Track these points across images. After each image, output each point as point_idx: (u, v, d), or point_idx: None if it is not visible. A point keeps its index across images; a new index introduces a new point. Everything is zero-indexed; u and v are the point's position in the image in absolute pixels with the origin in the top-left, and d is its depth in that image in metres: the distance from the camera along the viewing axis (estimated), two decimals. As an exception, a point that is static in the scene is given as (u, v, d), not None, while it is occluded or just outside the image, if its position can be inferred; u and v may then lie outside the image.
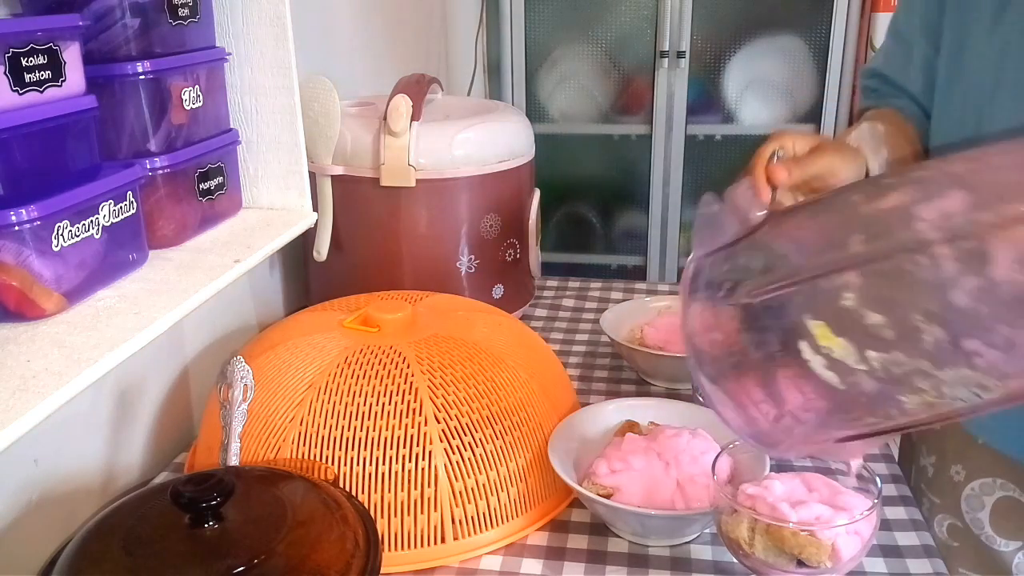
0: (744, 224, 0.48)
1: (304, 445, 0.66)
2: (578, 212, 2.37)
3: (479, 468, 0.67)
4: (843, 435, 0.45)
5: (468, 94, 2.07)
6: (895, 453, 0.84)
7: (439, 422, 0.67)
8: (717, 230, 0.49)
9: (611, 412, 0.78)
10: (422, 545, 0.66)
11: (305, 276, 1.10)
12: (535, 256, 1.10)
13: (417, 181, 0.94)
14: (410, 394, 0.67)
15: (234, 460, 0.62)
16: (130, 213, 0.60)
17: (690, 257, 0.52)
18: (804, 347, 0.42)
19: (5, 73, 0.50)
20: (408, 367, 0.70)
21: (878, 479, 0.57)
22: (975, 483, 0.79)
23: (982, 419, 0.78)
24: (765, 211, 0.49)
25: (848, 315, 0.41)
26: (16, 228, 0.50)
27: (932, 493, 0.84)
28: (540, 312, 1.15)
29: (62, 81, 0.54)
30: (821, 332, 0.42)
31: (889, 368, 0.40)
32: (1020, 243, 0.36)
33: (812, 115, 2.15)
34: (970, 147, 0.41)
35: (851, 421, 0.44)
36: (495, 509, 0.67)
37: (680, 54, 2.09)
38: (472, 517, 0.66)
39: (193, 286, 0.61)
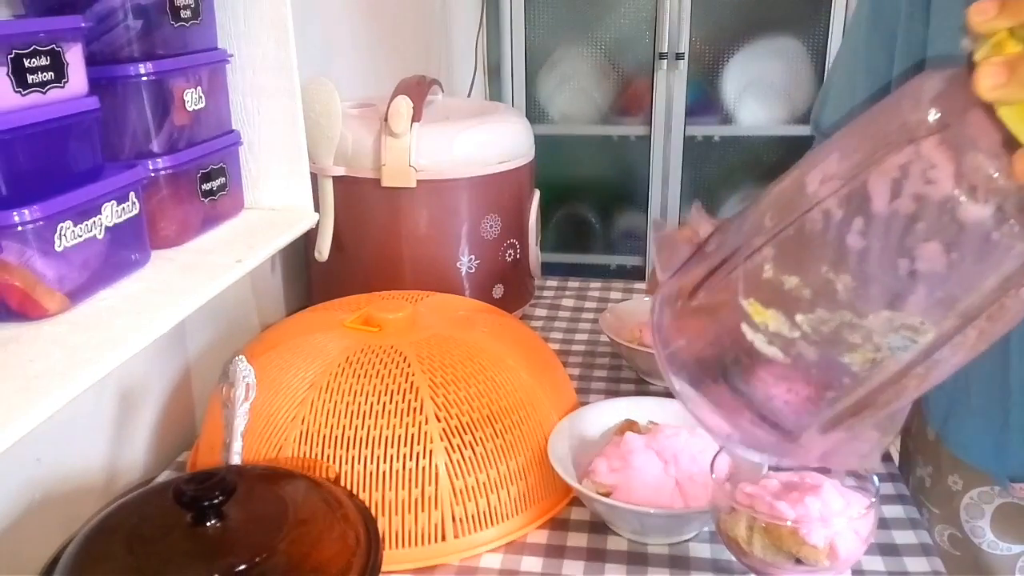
0: (697, 237, 0.50)
1: (305, 444, 0.66)
2: (578, 212, 2.38)
3: (479, 467, 0.67)
4: (822, 422, 0.46)
5: (468, 95, 2.07)
6: (895, 460, 0.85)
7: (440, 421, 0.67)
8: (674, 250, 0.50)
9: (610, 411, 0.78)
10: (423, 543, 0.66)
11: (306, 276, 1.10)
12: (535, 256, 1.10)
13: (418, 182, 0.95)
14: (411, 393, 0.68)
15: (236, 459, 0.62)
16: (132, 214, 0.61)
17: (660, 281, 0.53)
18: (745, 328, 0.44)
19: (8, 74, 0.50)
20: (409, 366, 0.70)
21: (875, 478, 0.58)
22: (973, 492, 0.79)
23: (956, 436, 0.78)
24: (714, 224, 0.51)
25: (770, 285, 0.43)
26: (19, 228, 0.51)
27: (931, 503, 0.83)
28: (540, 312, 1.15)
29: (65, 82, 0.55)
30: (754, 308, 0.43)
31: (818, 328, 0.42)
32: (889, 174, 0.38)
33: (810, 116, 2.15)
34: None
35: (816, 402, 0.45)
36: (495, 507, 0.68)
37: (679, 56, 2.09)
38: (472, 515, 0.67)
39: (195, 286, 0.61)
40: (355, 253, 1.00)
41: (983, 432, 0.74)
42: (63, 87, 0.55)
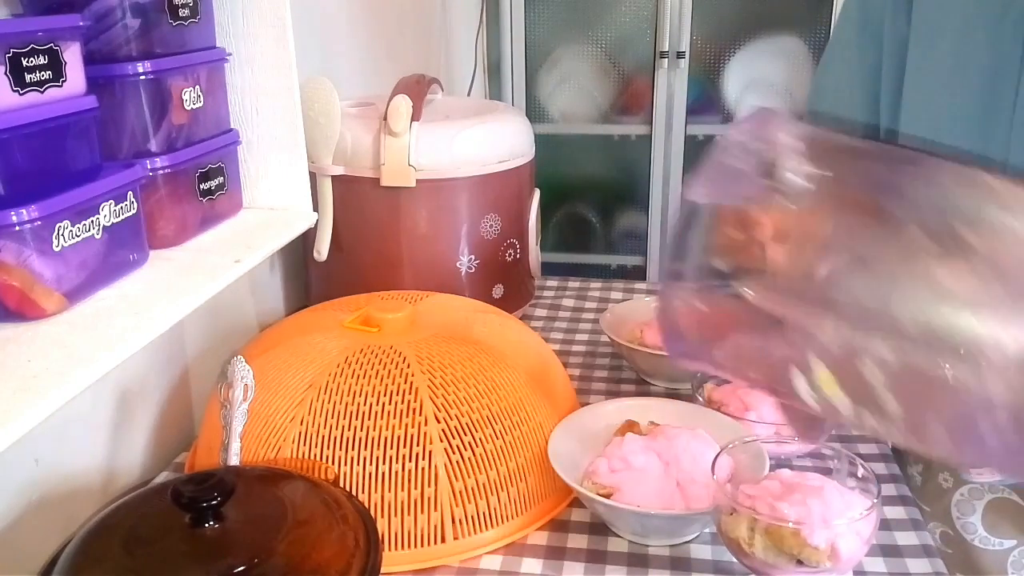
0: (769, 179, 0.41)
1: (304, 445, 0.66)
2: (578, 212, 2.37)
3: (479, 468, 0.67)
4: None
5: (468, 94, 2.07)
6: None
7: (439, 422, 0.67)
8: (735, 178, 0.42)
9: (611, 412, 0.78)
10: (422, 545, 0.66)
11: (305, 276, 1.10)
12: (535, 256, 1.10)
13: (417, 181, 0.95)
14: (410, 394, 0.68)
15: (234, 460, 0.62)
16: (131, 213, 0.60)
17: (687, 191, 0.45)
18: (798, 379, 0.38)
19: (6, 73, 0.50)
20: (408, 367, 0.70)
21: (877, 478, 0.57)
22: (964, 488, 0.79)
23: None
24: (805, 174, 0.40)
25: (863, 383, 0.36)
26: (17, 228, 0.50)
27: (922, 501, 0.84)
28: (540, 312, 1.15)
29: (63, 81, 0.54)
30: (825, 378, 0.37)
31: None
32: None
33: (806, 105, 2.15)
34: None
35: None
36: (495, 509, 0.68)
37: (680, 54, 2.09)
38: (472, 517, 0.67)
39: (193, 286, 0.61)
40: (354, 253, 1.00)
41: None
42: (61, 86, 0.54)
